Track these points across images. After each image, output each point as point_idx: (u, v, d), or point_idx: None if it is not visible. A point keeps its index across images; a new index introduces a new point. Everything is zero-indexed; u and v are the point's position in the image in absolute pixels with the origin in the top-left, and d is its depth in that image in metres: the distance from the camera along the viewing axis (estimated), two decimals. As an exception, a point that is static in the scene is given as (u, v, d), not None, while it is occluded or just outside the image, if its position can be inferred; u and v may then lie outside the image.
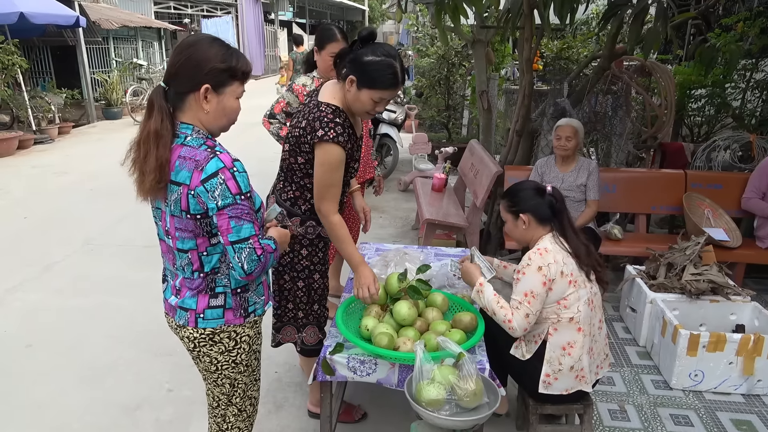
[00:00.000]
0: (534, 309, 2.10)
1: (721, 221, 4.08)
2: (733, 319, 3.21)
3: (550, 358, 2.16)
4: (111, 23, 11.69)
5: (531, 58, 4.33)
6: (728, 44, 4.79)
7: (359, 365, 2.08)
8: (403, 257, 2.65)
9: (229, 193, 1.52)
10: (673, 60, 7.39)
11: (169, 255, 1.71)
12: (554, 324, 2.16)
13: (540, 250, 2.14)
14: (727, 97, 5.59)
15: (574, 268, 2.14)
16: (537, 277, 2.09)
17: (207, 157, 1.53)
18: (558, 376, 2.17)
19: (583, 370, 2.17)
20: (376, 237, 5.15)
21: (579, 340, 2.14)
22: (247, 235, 1.55)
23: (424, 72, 9.07)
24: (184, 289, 1.69)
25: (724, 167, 4.77)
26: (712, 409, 2.80)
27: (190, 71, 1.55)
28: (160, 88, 1.58)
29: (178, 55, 1.57)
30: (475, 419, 1.71)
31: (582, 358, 2.16)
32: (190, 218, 1.57)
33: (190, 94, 1.57)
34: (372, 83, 2.05)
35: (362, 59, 2.04)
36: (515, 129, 4.67)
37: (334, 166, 2.13)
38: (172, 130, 1.58)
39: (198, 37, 1.62)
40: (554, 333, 2.16)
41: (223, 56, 1.57)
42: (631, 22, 3.70)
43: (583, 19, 9.17)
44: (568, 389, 2.20)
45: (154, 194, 1.60)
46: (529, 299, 2.10)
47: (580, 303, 2.13)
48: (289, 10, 25.07)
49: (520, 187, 2.31)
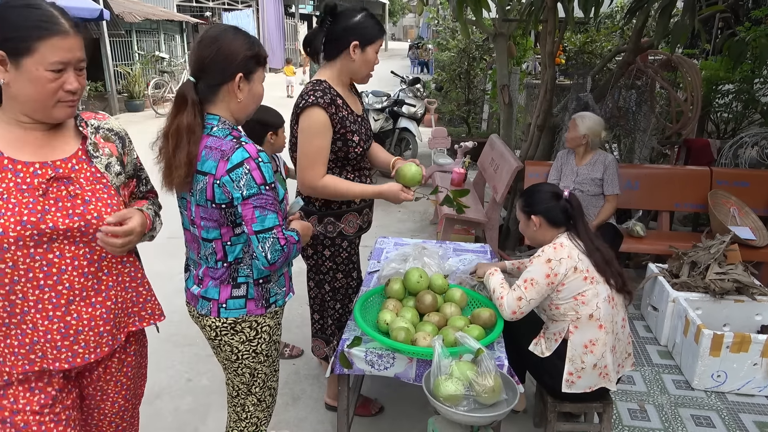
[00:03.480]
0: (529, 296, 2.12)
1: (747, 220, 3.99)
2: (759, 320, 3.14)
3: (573, 357, 2.14)
4: (134, 16, 11.82)
5: (553, 52, 4.27)
6: (758, 38, 4.67)
7: (377, 359, 2.08)
8: (421, 252, 2.63)
9: (254, 183, 1.53)
10: (700, 54, 7.23)
11: (194, 244, 1.72)
12: (574, 322, 2.14)
13: (555, 245, 2.15)
14: (756, 92, 5.46)
15: (589, 266, 2.14)
16: (542, 268, 2.12)
17: (233, 147, 1.54)
18: (581, 374, 2.15)
19: (606, 367, 2.15)
20: (394, 231, 5.14)
21: (601, 337, 2.12)
22: (271, 225, 1.56)
23: (444, 66, 9.03)
24: (206, 278, 1.71)
25: (752, 164, 4.66)
26: (734, 410, 2.75)
27: (222, 63, 1.57)
28: (190, 83, 1.59)
29: (207, 49, 1.57)
30: (493, 416, 1.70)
31: (605, 356, 2.13)
32: (215, 207, 1.58)
33: (223, 85, 1.59)
34: (372, 37, 2.14)
35: (352, 23, 2.11)
36: (536, 124, 4.62)
37: (314, 130, 2.08)
38: (202, 124, 1.59)
39: (219, 28, 1.63)
40: (575, 331, 2.14)
41: (249, 45, 1.61)
42: (659, 15, 3.62)
43: (607, 12, 9.02)
44: (592, 387, 2.17)
45: (181, 188, 1.62)
46: (527, 285, 2.13)
47: (599, 299, 2.12)
48: (310, 3, 25.11)
49: (536, 189, 2.34)
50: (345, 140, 2.16)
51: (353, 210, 2.32)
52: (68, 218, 1.32)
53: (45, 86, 1.27)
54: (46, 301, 1.34)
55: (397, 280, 2.34)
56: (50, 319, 1.35)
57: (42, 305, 1.34)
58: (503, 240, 4.74)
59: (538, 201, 2.27)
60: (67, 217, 1.32)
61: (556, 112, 4.76)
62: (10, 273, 1.29)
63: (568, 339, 2.16)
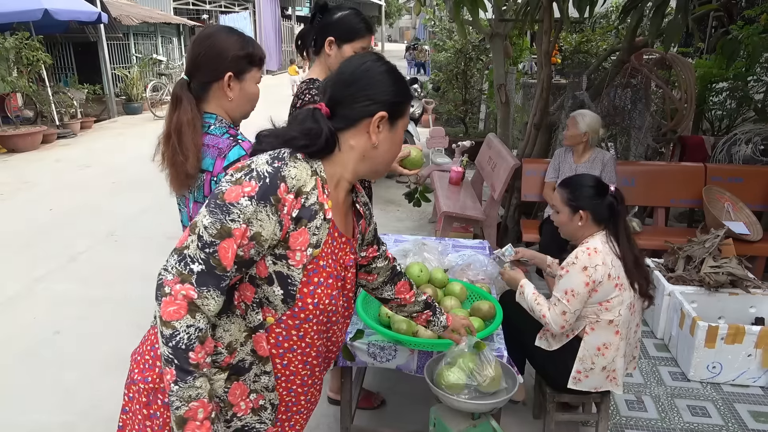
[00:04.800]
0: (572, 308, 2.07)
1: (741, 215, 4.05)
2: (753, 312, 3.19)
3: (583, 357, 2.14)
4: (131, 19, 11.86)
5: (550, 51, 4.32)
6: (751, 36, 4.73)
7: (379, 351, 2.12)
8: (421, 248, 2.68)
9: None
10: (694, 53, 7.30)
11: None
12: (592, 324, 2.12)
13: (589, 250, 2.08)
14: (749, 90, 5.52)
15: (621, 272, 2.09)
16: (580, 277, 2.05)
17: (229, 145, 1.58)
18: (589, 374, 2.15)
19: (615, 371, 2.15)
20: (393, 230, 5.19)
21: (615, 342, 2.12)
22: None
23: (441, 66, 9.08)
24: None
25: (745, 161, 4.72)
26: (729, 401, 2.80)
27: (212, 61, 1.60)
28: (184, 81, 1.63)
29: (198, 47, 1.61)
30: (493, 403, 1.74)
31: (616, 360, 2.14)
32: None
33: (213, 83, 1.62)
34: (349, 35, 2.15)
35: (332, 19, 2.15)
36: (533, 122, 4.67)
37: None
38: (201, 119, 1.63)
39: (213, 28, 1.67)
40: (590, 332, 2.12)
41: (241, 44, 1.62)
42: (652, 14, 3.68)
43: (602, 12, 9.09)
44: (598, 387, 2.18)
45: (193, 181, 1.59)
46: (568, 297, 2.07)
47: (622, 307, 2.09)
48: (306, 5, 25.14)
49: (582, 182, 2.21)
50: None
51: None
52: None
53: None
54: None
55: (398, 274, 2.39)
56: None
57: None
58: (501, 238, 4.79)
59: (586, 195, 2.15)
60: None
61: (552, 111, 4.82)
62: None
63: (582, 338, 2.14)
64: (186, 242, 1.12)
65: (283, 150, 1.19)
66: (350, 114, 1.22)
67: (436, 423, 1.83)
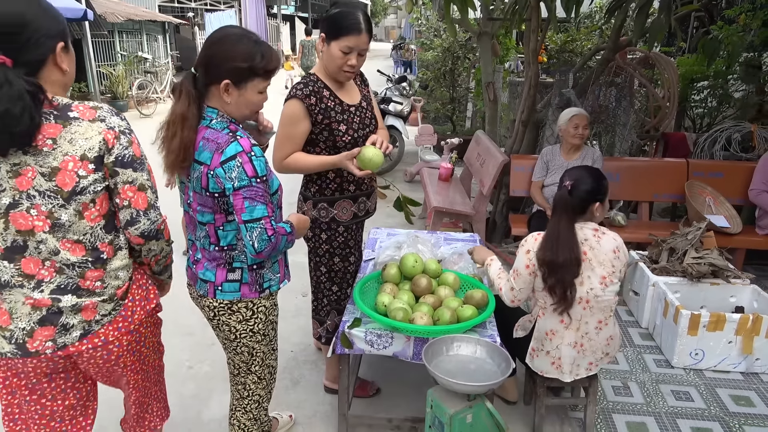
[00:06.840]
0: (518, 285, 2.24)
1: (722, 208, 4.18)
2: (733, 301, 3.31)
3: (537, 337, 2.31)
4: (116, 16, 11.76)
5: (537, 50, 4.42)
6: (730, 36, 4.88)
7: (376, 338, 2.19)
8: (415, 240, 2.75)
9: (245, 176, 1.63)
10: (677, 52, 7.47)
11: (192, 226, 1.84)
12: (543, 309, 2.27)
13: (536, 236, 2.23)
14: (729, 88, 5.68)
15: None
16: (523, 259, 2.22)
17: (228, 140, 1.64)
18: (539, 354, 2.31)
19: (560, 359, 2.27)
20: (383, 225, 5.23)
21: (560, 330, 2.24)
22: (259, 216, 1.65)
23: (429, 65, 9.15)
24: (203, 259, 1.82)
25: (725, 156, 4.86)
26: (711, 386, 2.91)
27: (213, 66, 1.67)
28: (191, 74, 1.70)
29: (207, 49, 1.68)
30: (488, 384, 1.82)
31: (561, 348, 2.25)
32: (208, 196, 1.68)
33: (212, 85, 1.69)
34: (336, 32, 2.15)
35: (326, 15, 2.20)
36: (521, 119, 4.76)
37: (284, 119, 2.23)
38: (198, 114, 1.69)
39: (227, 31, 1.70)
40: (542, 317, 2.28)
41: (246, 55, 1.64)
42: (636, 14, 3.78)
43: (587, 12, 9.25)
44: (543, 372, 2.32)
45: (178, 171, 1.71)
46: (514, 275, 2.26)
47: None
48: (291, 4, 25.10)
49: (603, 175, 2.26)
50: (330, 130, 2.26)
51: (346, 197, 2.42)
52: None
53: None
54: None
55: (393, 265, 2.45)
56: None
57: None
58: (490, 233, 4.88)
59: (606, 187, 2.25)
60: None
61: (539, 108, 4.92)
62: None
63: (537, 320, 2.30)
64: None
65: None
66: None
67: (433, 404, 1.90)
